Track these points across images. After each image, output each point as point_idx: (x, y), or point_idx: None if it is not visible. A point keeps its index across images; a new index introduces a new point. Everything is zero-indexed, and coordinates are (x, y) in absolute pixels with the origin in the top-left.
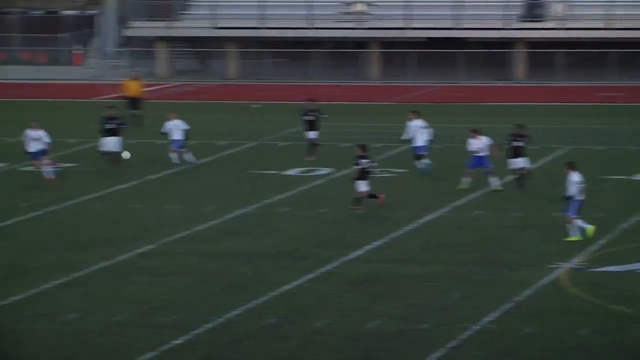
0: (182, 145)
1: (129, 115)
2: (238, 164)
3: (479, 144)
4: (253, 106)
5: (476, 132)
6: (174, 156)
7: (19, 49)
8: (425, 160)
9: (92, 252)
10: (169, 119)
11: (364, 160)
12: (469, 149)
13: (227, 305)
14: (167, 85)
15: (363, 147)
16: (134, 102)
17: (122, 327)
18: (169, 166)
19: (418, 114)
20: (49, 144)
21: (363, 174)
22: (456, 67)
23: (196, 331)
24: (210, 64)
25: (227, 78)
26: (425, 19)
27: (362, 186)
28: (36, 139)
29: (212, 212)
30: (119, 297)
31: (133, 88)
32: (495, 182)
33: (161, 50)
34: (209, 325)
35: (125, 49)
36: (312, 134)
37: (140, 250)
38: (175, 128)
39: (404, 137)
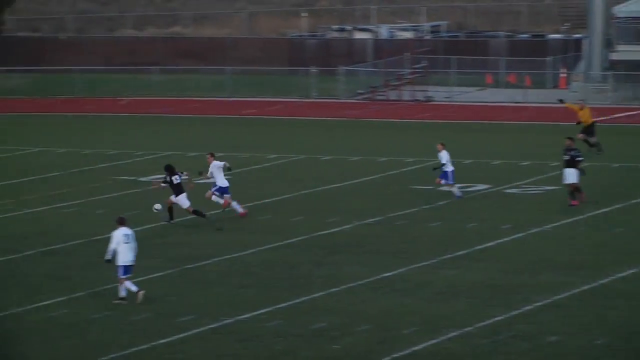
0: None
1: (588, 143)
2: None
3: None
4: None
5: None
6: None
7: (505, 71)
8: None
9: (575, 274)
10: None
11: None
12: None
13: None
14: None
15: None
16: (589, 129)
17: (603, 351)
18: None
19: None
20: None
21: None
22: None
23: None
24: None
25: None
26: None
27: None
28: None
29: None
30: (599, 320)
31: (585, 116)
32: None
33: None
34: None
35: (610, 73)
36: None
37: (622, 274)
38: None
39: None
